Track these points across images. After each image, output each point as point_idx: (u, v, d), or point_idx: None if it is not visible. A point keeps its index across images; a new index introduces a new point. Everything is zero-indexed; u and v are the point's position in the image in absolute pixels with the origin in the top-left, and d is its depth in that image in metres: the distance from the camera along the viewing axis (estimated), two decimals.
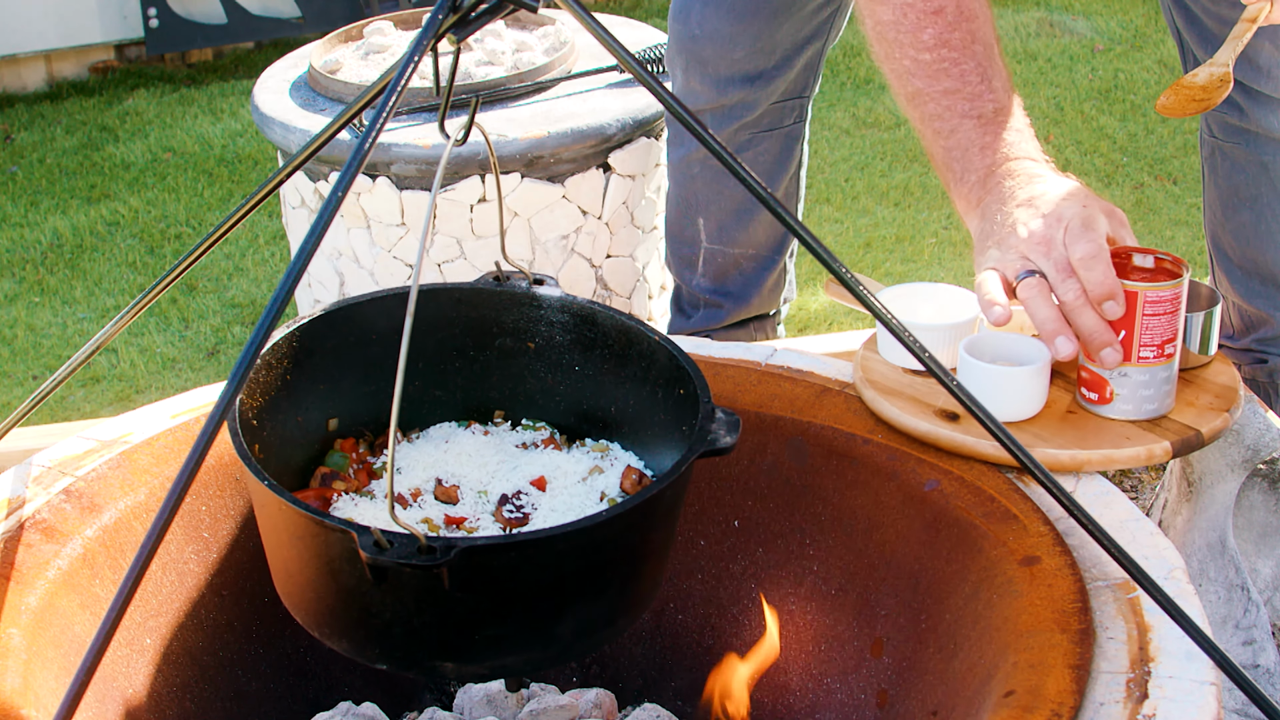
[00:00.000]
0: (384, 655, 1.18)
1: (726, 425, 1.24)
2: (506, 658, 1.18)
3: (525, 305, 1.42)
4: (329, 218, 1.06)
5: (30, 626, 1.36)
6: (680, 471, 1.19)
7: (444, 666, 1.18)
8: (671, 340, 1.34)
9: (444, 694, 1.66)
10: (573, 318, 1.41)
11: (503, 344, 1.43)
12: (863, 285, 1.19)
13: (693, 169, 2.37)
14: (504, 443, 1.42)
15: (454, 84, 1.19)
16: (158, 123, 4.34)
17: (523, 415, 1.46)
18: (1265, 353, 2.17)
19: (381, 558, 1.06)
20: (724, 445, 1.22)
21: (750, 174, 1.17)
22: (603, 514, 1.14)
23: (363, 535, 1.07)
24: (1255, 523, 1.83)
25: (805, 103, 2.36)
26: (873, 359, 1.70)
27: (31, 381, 3.07)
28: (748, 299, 2.46)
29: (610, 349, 1.40)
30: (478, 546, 1.09)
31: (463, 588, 1.10)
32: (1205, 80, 1.77)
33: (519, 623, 1.16)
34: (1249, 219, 2.11)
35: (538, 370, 1.44)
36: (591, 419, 1.43)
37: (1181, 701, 1.18)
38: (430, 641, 1.16)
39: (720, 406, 1.26)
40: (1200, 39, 2.02)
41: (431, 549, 1.06)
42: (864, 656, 1.54)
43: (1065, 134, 4.00)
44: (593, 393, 1.42)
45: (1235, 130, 2.07)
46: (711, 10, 2.22)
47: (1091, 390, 1.58)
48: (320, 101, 2.66)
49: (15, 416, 1.56)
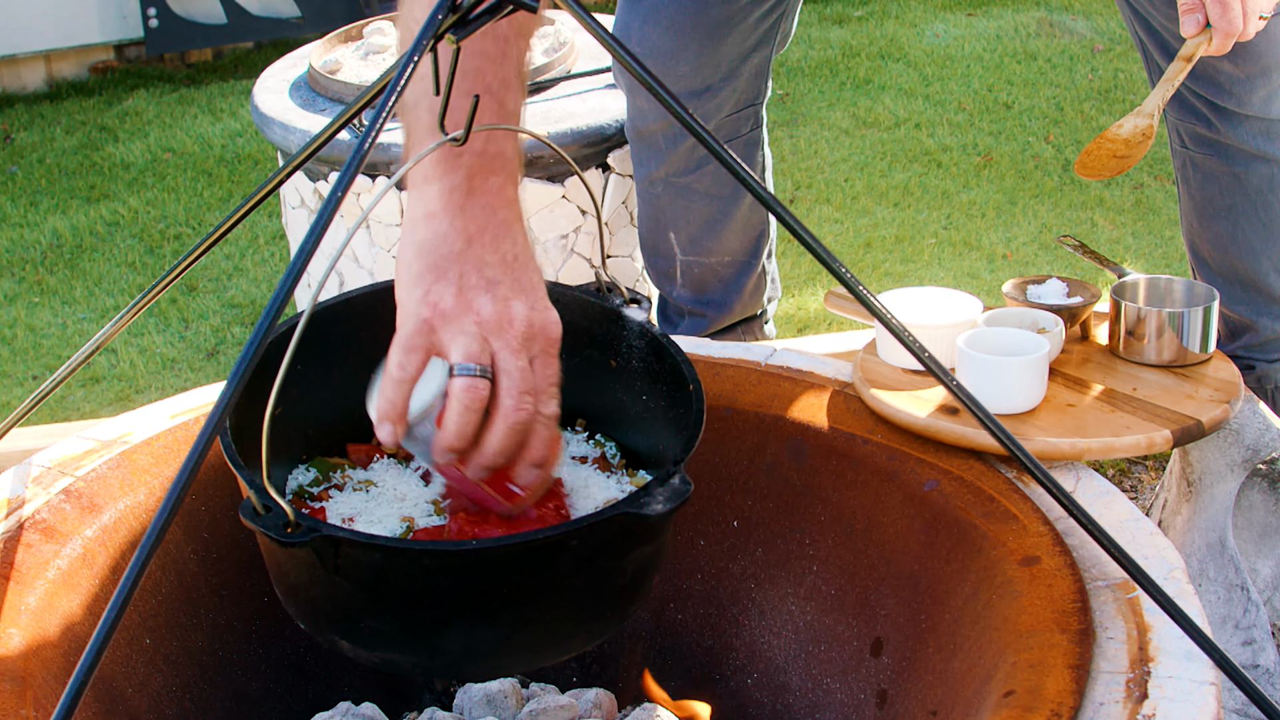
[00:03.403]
0: (300, 616, 1.25)
1: (665, 496, 1.16)
2: (392, 654, 1.22)
3: (611, 321, 1.40)
4: (329, 218, 1.06)
5: (30, 626, 1.36)
6: (584, 526, 1.16)
7: (340, 643, 1.23)
8: (700, 394, 1.30)
9: (444, 694, 1.67)
10: (647, 345, 1.39)
11: (589, 355, 1.40)
12: (862, 286, 1.19)
13: (656, 188, 2.37)
14: (568, 451, 1.41)
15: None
16: (157, 123, 4.34)
17: (600, 429, 1.44)
18: (1251, 359, 2.18)
19: (252, 523, 1.11)
20: (649, 513, 1.15)
21: (753, 176, 1.17)
22: (472, 542, 1.15)
23: (244, 501, 1.12)
24: (1255, 523, 1.83)
25: (759, 110, 2.35)
26: (872, 360, 1.70)
27: (31, 381, 3.06)
28: (729, 305, 2.46)
29: (668, 386, 1.37)
30: (336, 538, 1.13)
31: (340, 573, 1.14)
32: (1129, 133, 1.76)
33: (396, 623, 1.20)
34: (1225, 229, 2.11)
35: (615, 389, 1.41)
36: (634, 454, 1.42)
37: (1181, 701, 1.18)
38: (324, 615, 1.22)
39: (683, 476, 1.19)
40: (1161, 49, 2.02)
41: (298, 525, 1.11)
42: (864, 656, 1.54)
43: (1065, 134, 4.00)
44: (648, 428, 1.39)
45: (1206, 141, 2.07)
46: (651, 28, 2.21)
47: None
48: (320, 101, 2.66)
49: (15, 416, 1.56)
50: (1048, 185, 3.73)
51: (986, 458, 1.53)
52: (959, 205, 3.64)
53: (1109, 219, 3.57)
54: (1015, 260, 3.39)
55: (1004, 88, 4.31)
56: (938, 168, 3.84)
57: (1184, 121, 2.08)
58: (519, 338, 1.18)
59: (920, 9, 4.98)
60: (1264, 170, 2.05)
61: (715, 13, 2.19)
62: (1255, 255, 2.11)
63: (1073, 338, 1.78)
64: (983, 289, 3.23)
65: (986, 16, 4.87)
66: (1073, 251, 1.94)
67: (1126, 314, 1.73)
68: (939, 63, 4.51)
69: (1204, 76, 1.99)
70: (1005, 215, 3.59)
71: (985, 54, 4.55)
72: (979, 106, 4.19)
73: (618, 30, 2.26)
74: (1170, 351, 1.71)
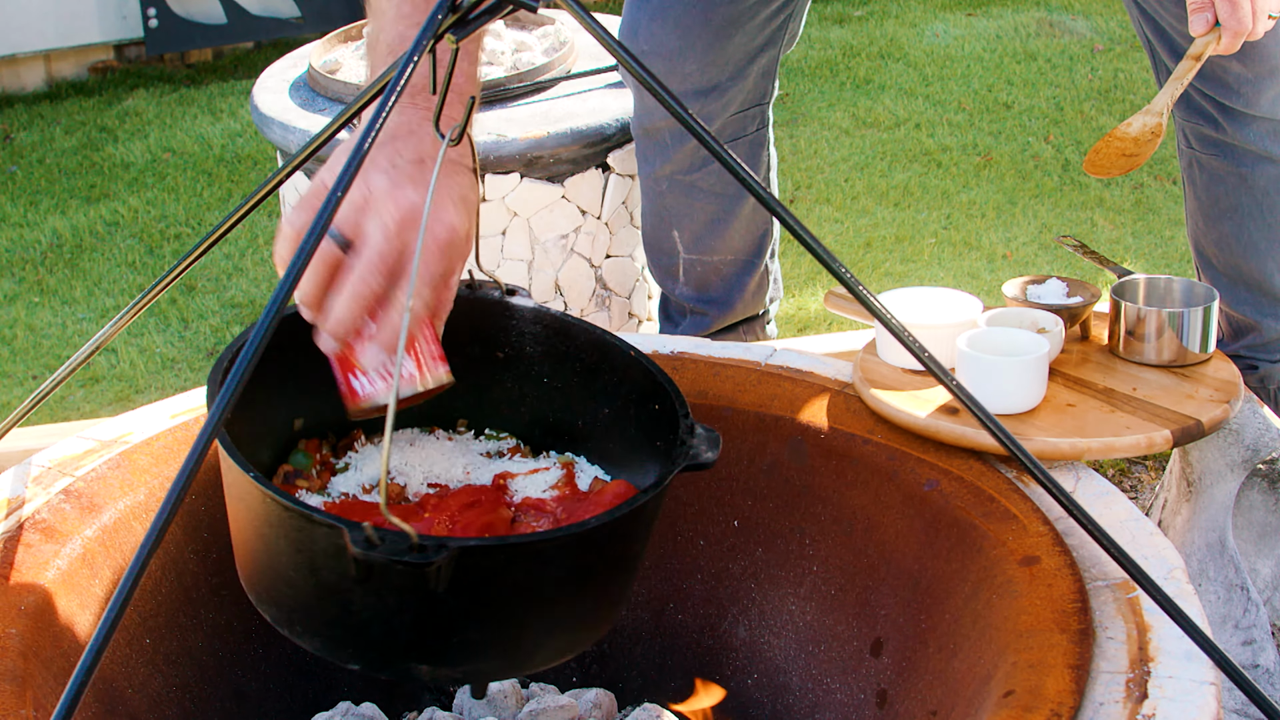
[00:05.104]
0: (358, 655, 1.16)
1: (708, 441, 1.24)
2: (481, 661, 1.17)
3: (497, 314, 1.40)
4: (328, 218, 1.06)
5: (30, 626, 1.36)
6: (666, 483, 1.19)
7: (419, 669, 1.16)
8: (647, 357, 1.33)
9: (443, 694, 1.66)
10: (545, 329, 1.40)
11: (471, 351, 1.39)
12: (862, 286, 1.19)
13: (661, 185, 2.37)
14: (469, 450, 1.41)
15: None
16: (157, 123, 4.34)
17: (486, 424, 1.44)
18: (1255, 359, 2.18)
19: (372, 554, 1.04)
20: (705, 460, 1.22)
21: (753, 176, 1.17)
22: (595, 520, 1.14)
23: (354, 531, 1.05)
24: (1255, 523, 1.83)
25: (765, 109, 2.36)
26: (872, 360, 1.70)
27: (31, 381, 3.06)
28: (731, 304, 2.46)
29: (582, 362, 1.38)
30: (470, 547, 1.08)
31: (447, 588, 1.09)
32: (1138, 132, 1.76)
33: (498, 626, 1.16)
34: (1230, 229, 2.11)
35: (504, 380, 1.42)
36: (556, 431, 1.42)
37: (1181, 701, 1.18)
38: (408, 643, 1.14)
39: (700, 423, 1.25)
40: (1169, 50, 2.02)
41: (424, 547, 1.05)
42: (864, 656, 1.54)
43: (1065, 134, 4.00)
44: (560, 405, 1.40)
45: (1212, 142, 2.07)
46: (659, 26, 2.21)
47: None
48: (320, 101, 2.66)
49: (15, 416, 1.56)
50: (1048, 185, 3.73)
51: (986, 458, 1.53)
52: (959, 205, 3.64)
53: (1109, 219, 3.57)
54: (1015, 260, 3.39)
55: (1004, 88, 4.31)
56: (938, 168, 3.84)
57: (1191, 122, 2.08)
58: (397, 221, 1.19)
59: (920, 9, 4.98)
60: (1270, 171, 2.06)
61: (723, 11, 2.19)
62: (1260, 256, 2.11)
63: (1073, 338, 1.78)
64: (983, 289, 3.23)
65: (986, 16, 4.87)
66: (1073, 251, 1.94)
67: (1126, 314, 1.73)
68: (939, 63, 4.51)
69: (1212, 77, 1.99)
70: (1005, 215, 3.59)
71: (985, 54, 4.55)
72: (979, 106, 4.20)
73: (625, 27, 2.26)
74: (1170, 351, 1.71)
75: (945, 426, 1.54)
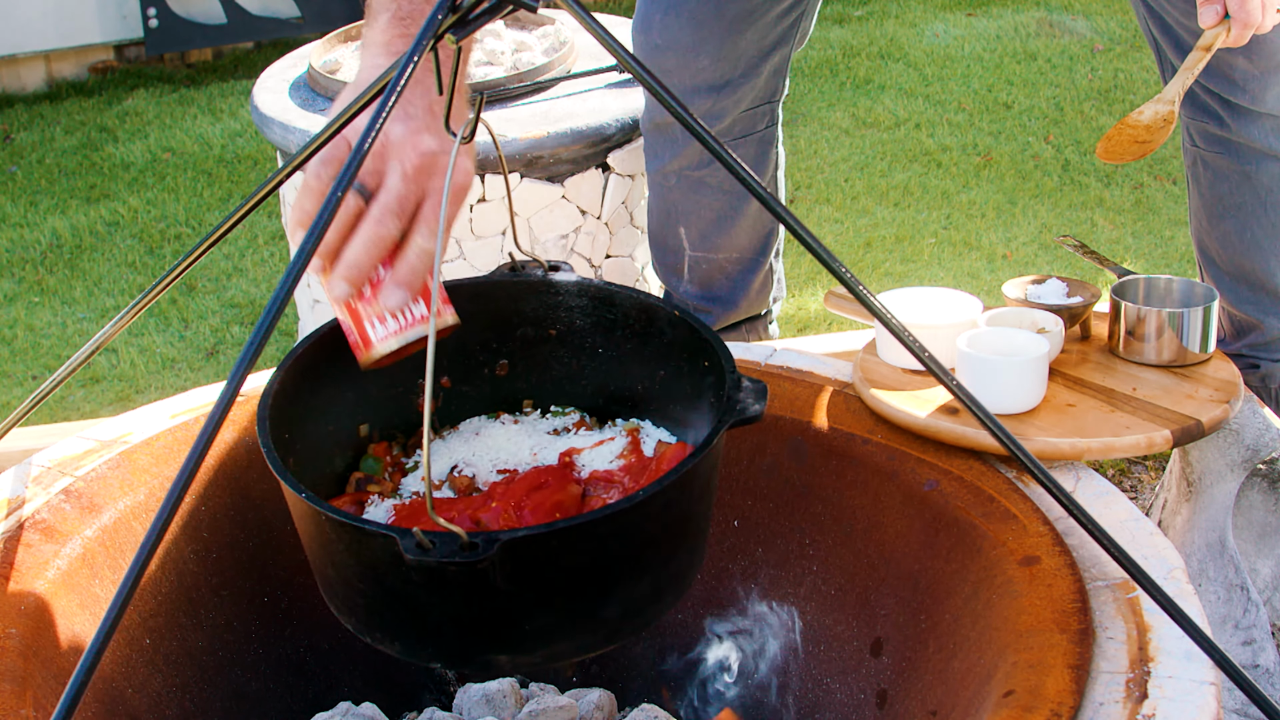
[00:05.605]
0: (438, 653, 1.19)
1: (754, 393, 1.24)
2: (557, 645, 1.18)
3: (542, 293, 1.42)
4: (328, 217, 1.06)
5: (30, 626, 1.36)
6: (713, 443, 1.19)
7: (498, 660, 1.19)
8: (689, 313, 1.34)
9: (443, 694, 1.66)
10: (591, 300, 1.41)
11: (524, 333, 1.43)
12: (862, 286, 1.19)
13: (669, 180, 2.37)
14: (535, 430, 1.42)
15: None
16: (157, 123, 4.34)
17: (551, 402, 1.46)
18: (1256, 358, 2.18)
19: (425, 558, 1.06)
20: (753, 414, 1.22)
21: (754, 178, 1.17)
22: (640, 493, 1.14)
23: (404, 538, 1.07)
24: (1255, 523, 1.83)
25: (776, 107, 2.36)
26: (872, 360, 1.70)
27: (31, 381, 3.06)
28: (735, 302, 2.46)
29: (631, 328, 1.40)
30: (519, 538, 1.09)
31: (508, 580, 1.10)
32: (1150, 119, 1.77)
33: (567, 609, 1.17)
34: (1234, 227, 2.11)
35: (561, 356, 1.44)
36: (620, 399, 1.43)
37: (1181, 701, 1.18)
38: (482, 636, 1.16)
39: (746, 375, 1.25)
40: (1175, 47, 2.02)
41: (474, 545, 1.07)
42: (864, 656, 1.54)
43: (1065, 134, 4.00)
44: (618, 373, 1.42)
45: (1217, 140, 2.07)
46: (673, 20, 2.22)
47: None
48: (320, 101, 2.66)
49: (15, 416, 1.56)
50: (1048, 185, 3.73)
51: (986, 458, 1.53)
52: (959, 205, 3.64)
53: (1109, 219, 3.57)
54: (1015, 260, 3.39)
55: (1004, 88, 4.31)
56: (937, 168, 3.84)
57: (1196, 119, 2.08)
58: (415, 166, 1.22)
59: (920, 9, 4.98)
60: (1275, 169, 2.06)
61: (736, 7, 2.20)
62: (1264, 254, 2.11)
63: (1073, 338, 1.78)
64: (983, 289, 3.23)
65: (986, 16, 4.87)
66: (1073, 251, 1.94)
67: (1126, 314, 1.73)
68: (939, 63, 4.51)
69: (1218, 73, 1.99)
70: (1005, 215, 3.59)
71: (985, 54, 4.55)
72: (979, 106, 4.20)
73: (639, 21, 2.27)
74: (1170, 351, 1.71)
75: (945, 426, 1.54)
